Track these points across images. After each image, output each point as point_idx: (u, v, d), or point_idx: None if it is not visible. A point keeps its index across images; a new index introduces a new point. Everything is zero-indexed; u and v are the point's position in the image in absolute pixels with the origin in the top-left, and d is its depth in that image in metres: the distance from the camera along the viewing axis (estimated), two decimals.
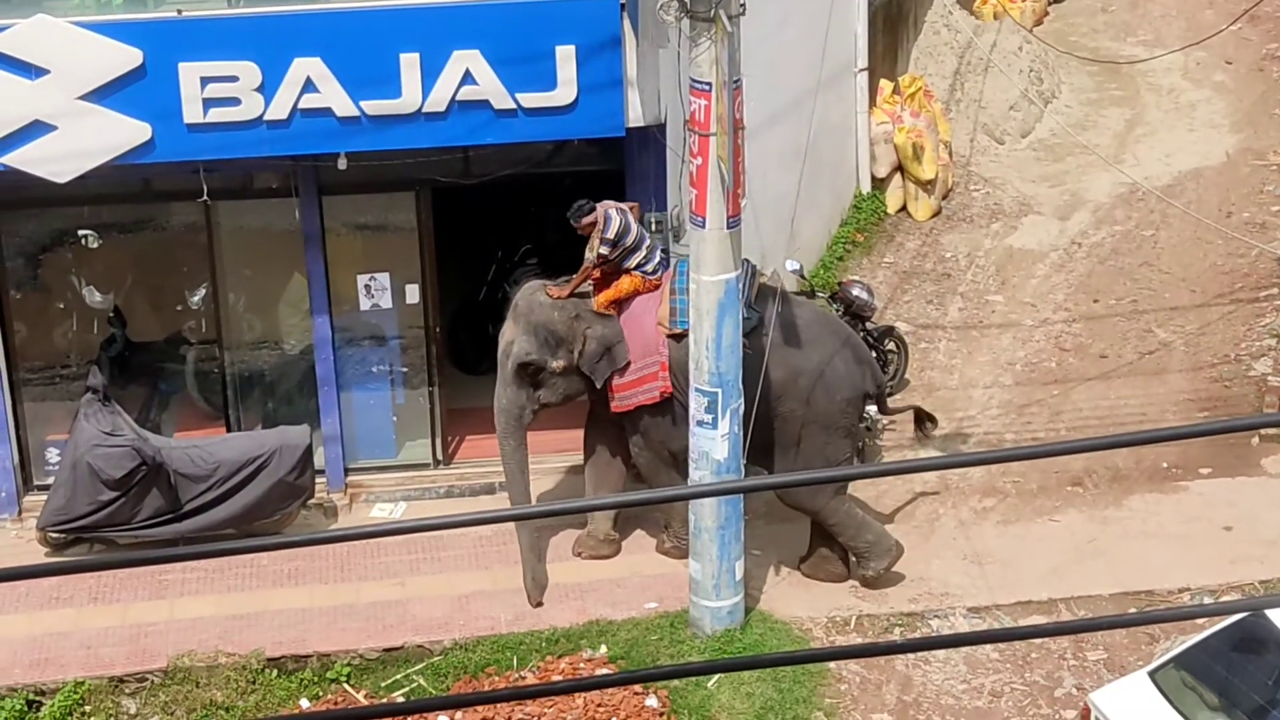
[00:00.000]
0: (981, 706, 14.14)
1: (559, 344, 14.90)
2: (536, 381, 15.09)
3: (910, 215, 20.33)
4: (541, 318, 14.92)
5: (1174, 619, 12.97)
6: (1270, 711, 12.26)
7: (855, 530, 15.04)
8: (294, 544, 7.00)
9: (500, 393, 15.13)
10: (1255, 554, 15.31)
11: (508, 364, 15.01)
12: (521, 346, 14.94)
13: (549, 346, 14.93)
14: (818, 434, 14.88)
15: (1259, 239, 19.28)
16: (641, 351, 14.86)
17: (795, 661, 12.91)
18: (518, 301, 15.12)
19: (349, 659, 14.52)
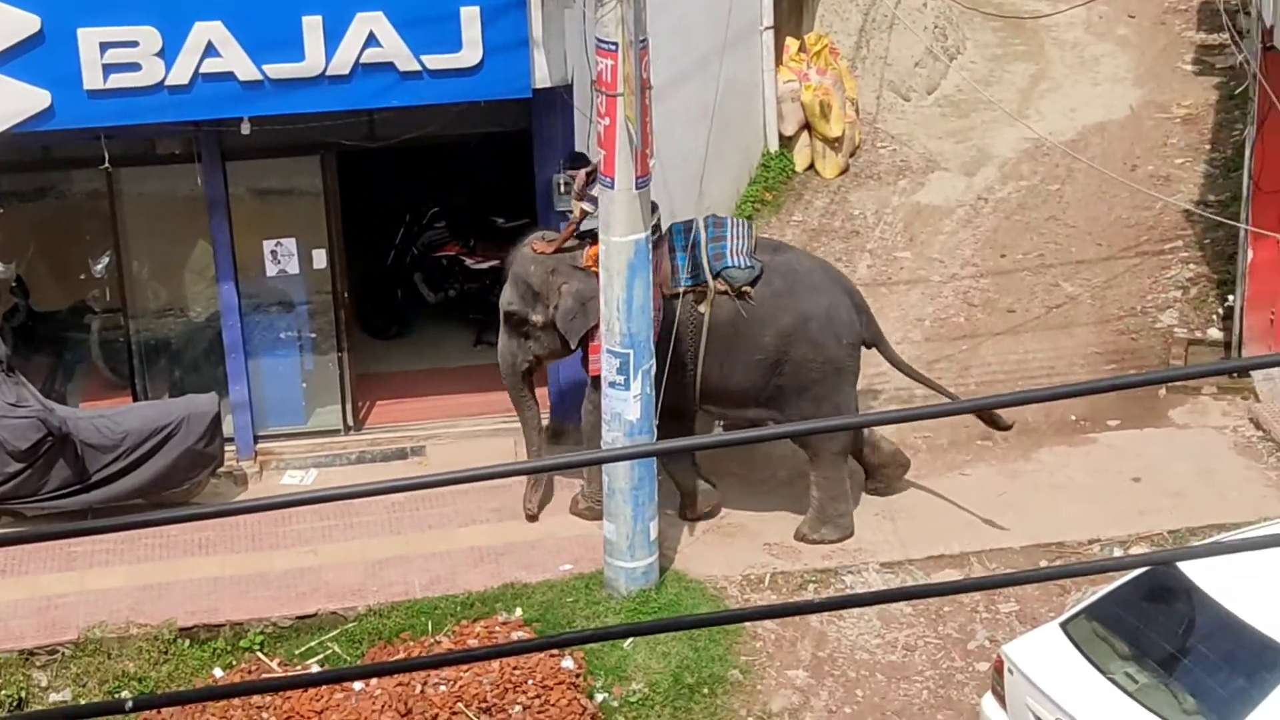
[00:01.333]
0: (895, 661, 14.22)
1: (536, 298, 14.94)
2: (524, 333, 15.17)
3: (818, 173, 20.36)
4: (520, 270, 15.01)
5: (1088, 573, 13.06)
6: (1181, 660, 12.38)
7: (834, 492, 15.11)
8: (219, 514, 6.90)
9: (499, 338, 15.39)
10: (1163, 504, 15.46)
11: (499, 313, 15.26)
12: (506, 295, 15.12)
13: (528, 300, 14.99)
14: (830, 378, 15.01)
15: (1163, 192, 19.43)
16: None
17: (713, 623, 12.94)
18: (511, 254, 15.27)
19: (262, 627, 14.43)
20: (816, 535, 15.18)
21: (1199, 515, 15.21)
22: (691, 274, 14.77)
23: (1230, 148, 19.97)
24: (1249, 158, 16.50)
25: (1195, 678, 12.19)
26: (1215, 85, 21.45)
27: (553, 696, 13.69)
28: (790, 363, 14.93)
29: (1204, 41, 22.27)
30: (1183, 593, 12.56)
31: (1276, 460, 15.95)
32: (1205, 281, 18.22)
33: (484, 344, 17.96)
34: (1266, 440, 16.18)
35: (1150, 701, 12.13)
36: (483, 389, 16.96)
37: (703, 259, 14.80)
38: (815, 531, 15.20)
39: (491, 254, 18.11)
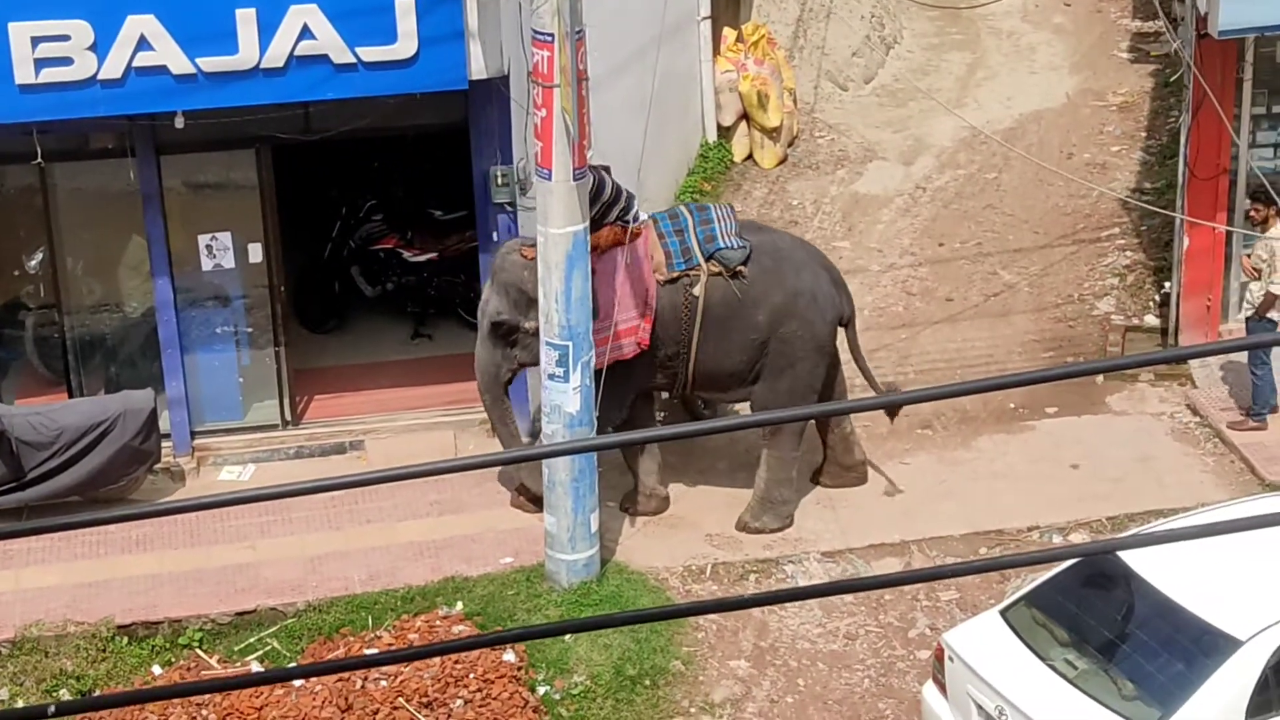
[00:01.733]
0: (837, 650, 14.24)
1: (530, 304, 14.57)
2: (511, 341, 14.95)
3: (757, 163, 20.36)
4: (512, 277, 14.73)
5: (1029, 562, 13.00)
6: (1120, 645, 12.43)
7: (781, 475, 15.17)
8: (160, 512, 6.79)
9: (478, 350, 15.13)
10: (1101, 491, 15.53)
11: (483, 323, 15.00)
12: (494, 305, 14.84)
13: (520, 306, 14.72)
14: (812, 355, 15.08)
15: (1100, 180, 19.51)
16: (626, 304, 14.65)
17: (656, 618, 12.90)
18: (495, 261, 15.00)
19: (201, 624, 14.34)
20: (757, 524, 15.20)
21: (1137, 501, 15.29)
22: (684, 258, 14.84)
23: (1166, 135, 20.07)
24: (1184, 145, 16.58)
25: (1134, 663, 12.25)
26: (1150, 73, 21.55)
27: (494, 690, 13.65)
28: (777, 340, 15.01)
29: (1139, 29, 22.36)
30: (1121, 579, 12.62)
31: (1213, 446, 16.04)
32: (1142, 268, 18.31)
33: (422, 337, 17.93)
34: (1203, 426, 16.27)
35: (1090, 687, 12.18)
36: (422, 382, 16.91)
37: (693, 243, 14.89)
38: (756, 519, 15.21)
39: (429, 246, 18.07)
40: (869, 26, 22.01)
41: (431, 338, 17.89)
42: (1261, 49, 16.43)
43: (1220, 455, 15.91)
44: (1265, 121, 16.78)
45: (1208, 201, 16.53)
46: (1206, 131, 16.23)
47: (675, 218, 15.06)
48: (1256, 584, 12.38)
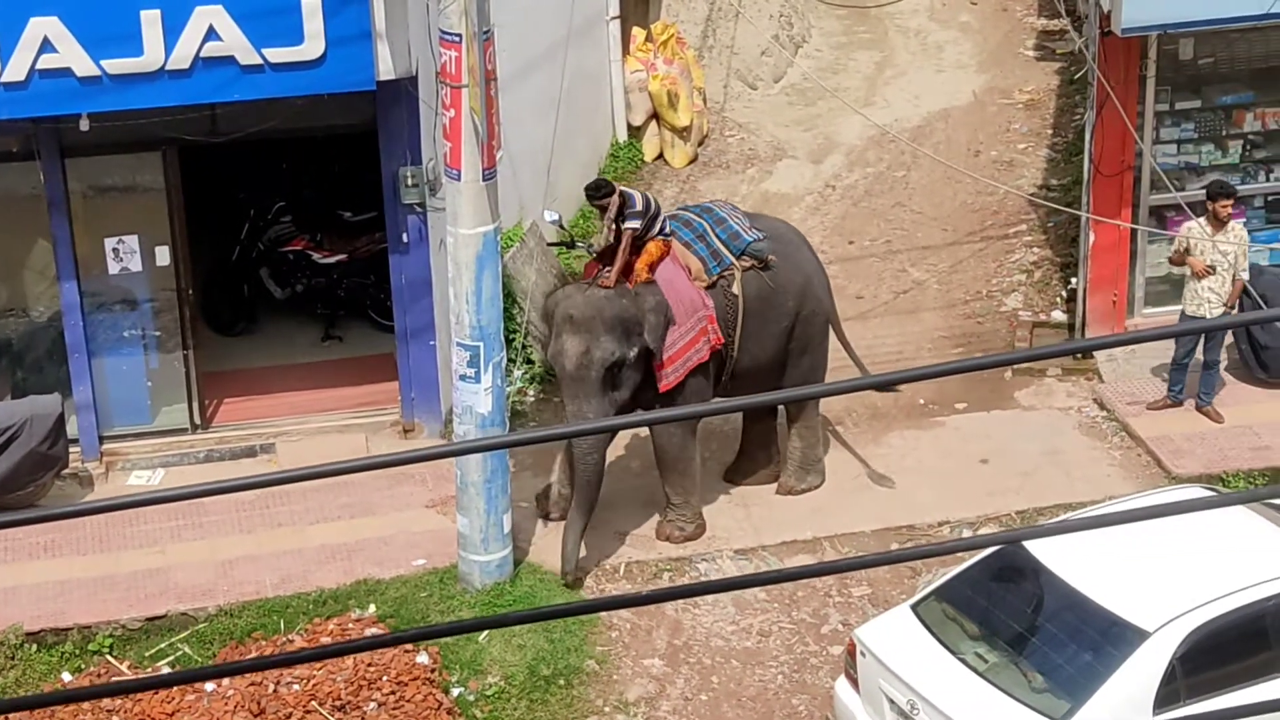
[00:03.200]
0: (751, 647, 14.29)
1: (631, 332, 14.24)
2: (617, 383, 14.36)
3: (667, 162, 20.40)
4: (615, 311, 14.20)
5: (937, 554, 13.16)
6: (1029, 638, 12.54)
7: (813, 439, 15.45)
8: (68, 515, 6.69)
9: (581, 410, 14.23)
10: (1011, 485, 15.65)
11: (589, 374, 14.18)
12: (605, 349, 14.15)
13: (625, 340, 14.24)
14: (824, 330, 15.40)
15: (1007, 177, 19.65)
16: (686, 312, 14.50)
17: (569, 614, 12.91)
18: (569, 311, 14.25)
19: (111, 630, 14.23)
20: (804, 485, 15.51)
21: (1046, 495, 15.42)
22: (716, 261, 14.78)
23: (1071, 132, 20.24)
24: (1089, 142, 16.73)
25: (1044, 656, 12.36)
26: (1056, 71, 21.72)
27: (408, 692, 13.62)
28: (801, 323, 15.19)
29: (1045, 27, 22.54)
30: (1030, 572, 12.73)
31: (1120, 440, 16.20)
32: (1049, 265, 18.46)
33: (332, 339, 17.85)
34: (1111, 420, 16.43)
35: (1000, 680, 12.28)
36: (332, 385, 16.85)
37: (718, 245, 14.84)
38: (802, 481, 15.51)
39: (339, 248, 17.99)
40: (777, 26, 22.09)
41: (342, 339, 17.81)
42: (1164, 46, 16.61)
43: (1128, 449, 16.07)
44: (1168, 118, 16.96)
45: (1113, 198, 16.69)
46: (1110, 129, 16.38)
47: (690, 225, 14.92)
48: (1164, 576, 12.52)
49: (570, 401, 14.39)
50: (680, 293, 14.51)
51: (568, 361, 14.26)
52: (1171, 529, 12.63)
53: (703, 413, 11.28)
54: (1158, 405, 16.22)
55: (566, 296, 14.50)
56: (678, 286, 14.52)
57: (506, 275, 15.79)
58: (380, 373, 16.65)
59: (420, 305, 15.96)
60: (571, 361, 14.24)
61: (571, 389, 14.34)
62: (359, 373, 16.92)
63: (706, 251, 14.78)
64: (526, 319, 16.68)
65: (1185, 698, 11.99)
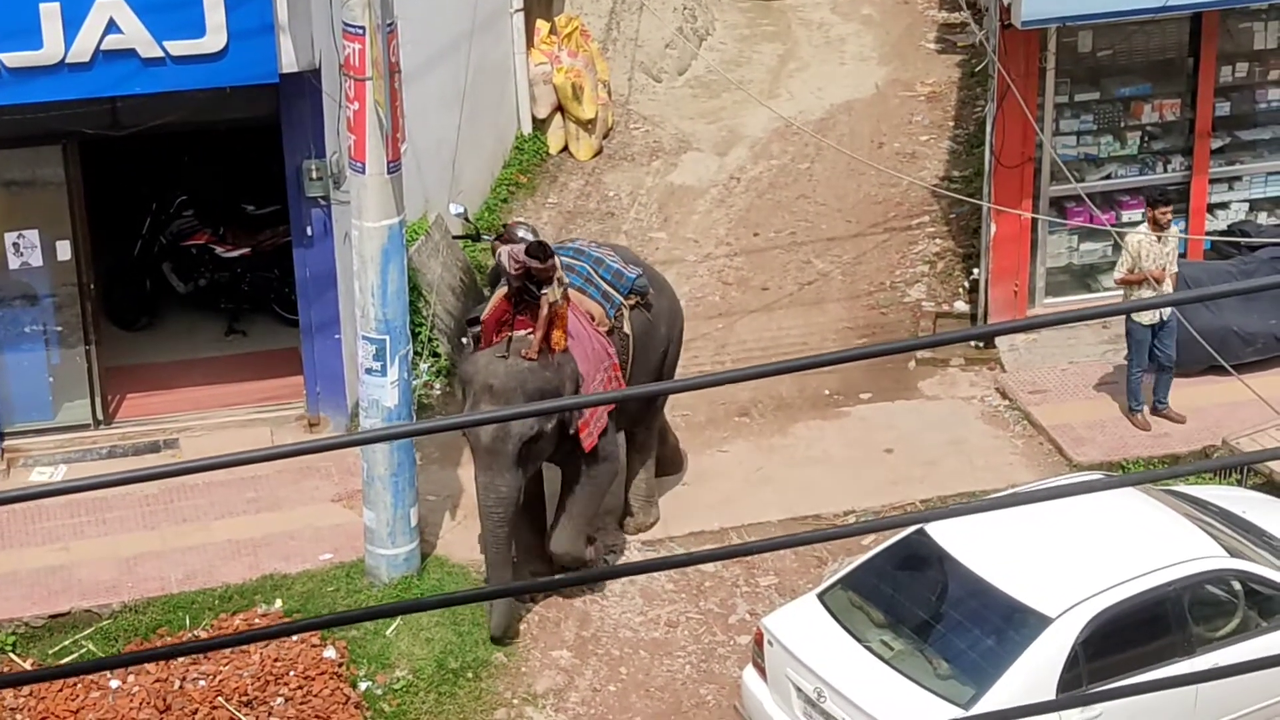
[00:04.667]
0: (659, 637, 14.34)
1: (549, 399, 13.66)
2: (535, 453, 13.90)
3: (572, 155, 20.40)
4: (537, 384, 13.64)
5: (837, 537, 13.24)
6: (934, 625, 12.65)
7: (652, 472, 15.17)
8: None
9: (494, 483, 13.70)
10: (915, 474, 15.78)
11: (506, 448, 13.61)
12: (524, 423, 13.56)
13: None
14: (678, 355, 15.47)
15: (909, 169, 19.80)
16: (594, 367, 14.09)
17: (470, 600, 12.93)
18: (489, 381, 13.66)
19: (13, 628, 14.09)
20: (651, 518, 15.23)
21: (950, 484, 15.56)
22: (609, 303, 14.46)
23: (973, 124, 20.41)
24: (990, 134, 16.88)
25: (948, 643, 12.48)
26: (958, 63, 21.89)
27: (315, 687, 13.58)
28: (672, 343, 15.21)
29: (946, 20, 22.70)
30: (935, 560, 12.85)
31: (1022, 429, 16.36)
32: (951, 256, 18.62)
33: (236, 333, 17.73)
34: (1013, 409, 16.59)
35: (906, 667, 12.39)
36: (236, 379, 16.75)
37: (604, 286, 14.50)
38: (649, 515, 15.23)
39: (242, 242, 17.88)
40: (681, 18, 22.14)
41: (246, 334, 17.70)
42: (1064, 39, 16.78)
43: (1030, 437, 16.23)
44: (1068, 110, 17.14)
45: (1014, 189, 16.85)
46: (1011, 120, 16.53)
47: (574, 269, 14.39)
48: (1065, 563, 12.66)
49: (482, 473, 13.79)
50: (586, 346, 14.08)
51: (483, 434, 13.63)
52: (1073, 516, 12.78)
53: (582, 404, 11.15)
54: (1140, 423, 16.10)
55: (486, 364, 13.79)
56: (583, 340, 14.09)
57: (412, 268, 15.76)
58: (285, 367, 16.56)
59: (325, 299, 15.89)
60: (487, 434, 13.62)
61: (485, 460, 13.74)
62: (264, 367, 16.83)
63: (599, 295, 14.44)
64: (432, 312, 16.65)
65: (1088, 682, 12.13)
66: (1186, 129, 17.38)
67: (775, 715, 12.72)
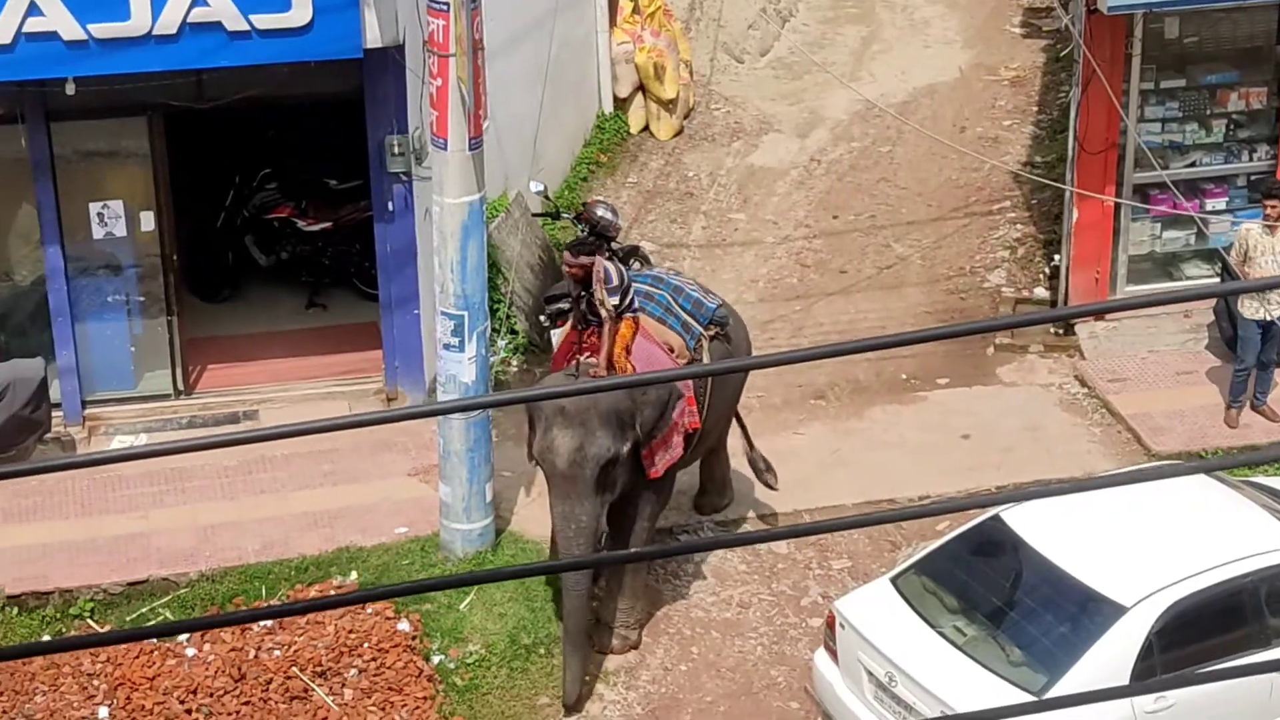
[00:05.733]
0: (730, 618, 14.34)
1: (626, 425, 13.15)
2: (611, 482, 13.22)
3: (653, 135, 20.40)
4: (610, 403, 13.05)
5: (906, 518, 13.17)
6: (1008, 612, 12.60)
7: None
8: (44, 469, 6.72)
9: (573, 512, 13.08)
10: (991, 460, 15.71)
11: (584, 473, 13.00)
12: (601, 445, 12.99)
13: (621, 433, 13.12)
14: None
15: (992, 153, 19.69)
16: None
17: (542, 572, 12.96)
18: (561, 404, 13.00)
19: (92, 594, 14.25)
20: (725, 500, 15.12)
21: (1026, 471, 15.48)
22: (689, 333, 13.94)
23: (1056, 110, 20.28)
24: (1074, 120, 16.76)
25: (1022, 630, 12.43)
26: (1042, 48, 21.74)
27: (388, 659, 13.67)
28: (744, 381, 14.79)
29: (1031, 4, 22.54)
30: (1010, 547, 12.79)
31: (1100, 417, 16.26)
32: (1032, 241, 18.51)
33: (316, 307, 17.86)
34: (1091, 397, 16.49)
35: (978, 654, 12.34)
36: (315, 352, 16.87)
37: (684, 316, 13.98)
38: (723, 498, 15.09)
39: (324, 216, 17.99)
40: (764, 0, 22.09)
41: (326, 307, 17.82)
42: (1150, 25, 16.64)
43: (1108, 426, 16.13)
44: (1153, 96, 17.00)
45: (1097, 175, 16.74)
46: (1096, 106, 16.42)
47: (653, 298, 13.90)
48: (1142, 552, 12.59)
49: (560, 502, 13.18)
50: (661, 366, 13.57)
51: (559, 459, 13.06)
52: (1150, 505, 12.70)
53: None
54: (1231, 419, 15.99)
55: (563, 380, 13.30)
56: (657, 367, 13.50)
57: (491, 245, 15.81)
58: (364, 341, 16.67)
59: (405, 274, 15.98)
60: (564, 459, 13.06)
61: (562, 489, 13.13)
62: (343, 341, 16.93)
63: (679, 325, 13.91)
64: (511, 289, 16.70)
65: (1162, 673, 12.05)
66: (1273, 117, 17.22)
67: (846, 698, 12.71)
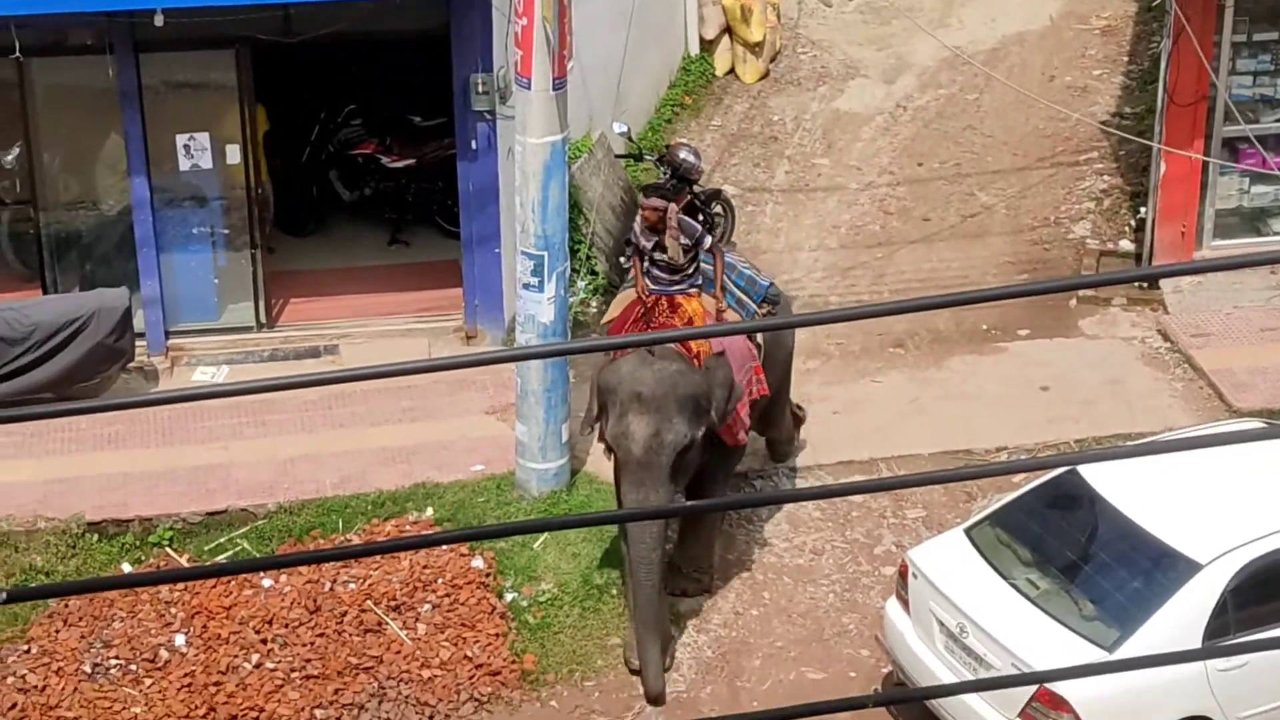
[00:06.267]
0: (803, 564, 14.35)
1: (702, 410, 12.86)
2: (684, 465, 12.89)
3: (738, 78, 20.32)
4: (689, 389, 12.79)
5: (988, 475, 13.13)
6: (1081, 566, 12.56)
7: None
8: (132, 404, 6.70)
9: (647, 499, 12.69)
10: (1071, 413, 15.62)
11: (660, 459, 12.67)
12: (679, 432, 12.69)
13: (697, 419, 12.82)
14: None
15: (1080, 103, 19.50)
16: (739, 365, 13.30)
17: (617, 520, 13.01)
18: (637, 389, 12.67)
19: (171, 523, 14.40)
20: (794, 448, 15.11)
21: (1106, 425, 15.38)
22: (744, 311, 13.71)
23: (1147, 60, 20.05)
24: (1164, 71, 16.56)
25: (1095, 584, 12.38)
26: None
27: (462, 595, 13.76)
28: (790, 361, 14.48)
29: None
30: (1086, 501, 12.73)
31: (1182, 372, 16.13)
32: (1119, 193, 18.35)
33: (399, 243, 17.93)
34: (1173, 352, 16.36)
35: (1051, 607, 12.31)
36: (396, 289, 16.94)
37: (739, 294, 13.74)
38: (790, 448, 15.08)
39: (408, 153, 18.04)
40: None
41: (408, 244, 17.89)
42: None
43: (1189, 381, 16.00)
44: (1245, 49, 16.76)
45: (1186, 128, 16.54)
46: (1186, 58, 16.22)
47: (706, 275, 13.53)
48: (1219, 509, 12.50)
49: (634, 490, 12.82)
50: (736, 345, 13.32)
51: (635, 445, 12.72)
52: (1229, 463, 12.60)
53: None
54: None
55: (632, 372, 12.83)
56: (732, 342, 13.26)
57: (573, 186, 15.81)
58: (445, 279, 16.73)
59: (486, 213, 16.01)
60: (640, 445, 12.73)
61: (637, 476, 12.80)
62: (424, 278, 17.00)
63: (734, 303, 13.68)
64: (592, 230, 16.70)
65: (1235, 631, 11.99)
66: None
67: (917, 648, 12.70)
